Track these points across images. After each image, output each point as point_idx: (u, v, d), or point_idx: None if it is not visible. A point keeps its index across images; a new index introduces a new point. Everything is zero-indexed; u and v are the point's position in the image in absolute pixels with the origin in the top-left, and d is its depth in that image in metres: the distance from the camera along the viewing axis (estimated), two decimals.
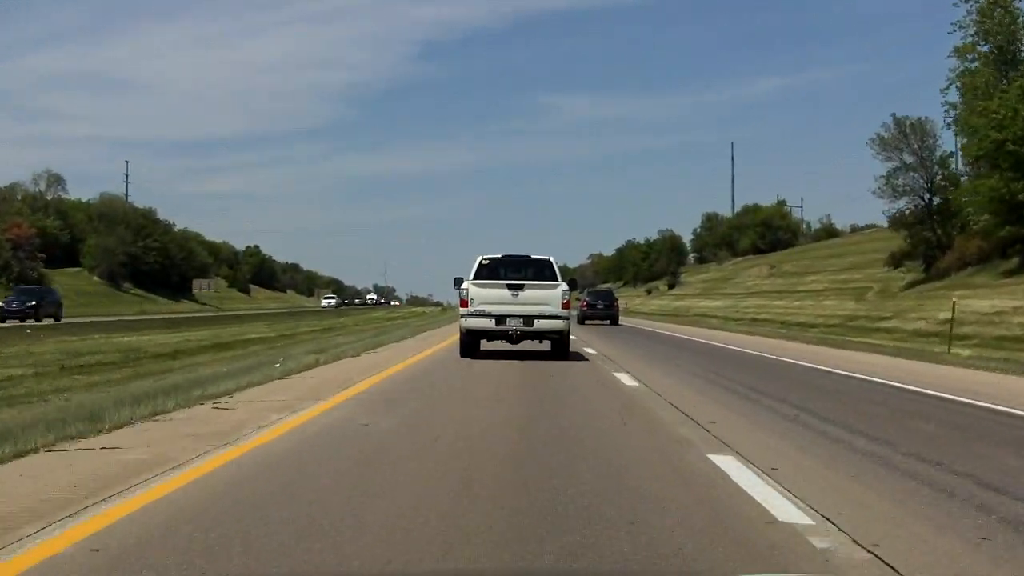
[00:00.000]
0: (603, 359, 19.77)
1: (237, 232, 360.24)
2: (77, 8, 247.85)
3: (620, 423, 9.41)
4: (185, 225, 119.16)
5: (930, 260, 42.72)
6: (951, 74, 39.92)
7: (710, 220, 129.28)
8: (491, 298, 18.00)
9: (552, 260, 19.32)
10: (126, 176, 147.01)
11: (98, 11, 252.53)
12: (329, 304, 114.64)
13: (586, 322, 43.85)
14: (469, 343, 18.72)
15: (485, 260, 19.01)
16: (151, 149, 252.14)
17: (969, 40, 38.98)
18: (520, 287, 18.11)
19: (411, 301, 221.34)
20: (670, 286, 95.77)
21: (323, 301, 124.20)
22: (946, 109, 40.93)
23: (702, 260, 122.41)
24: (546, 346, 19.26)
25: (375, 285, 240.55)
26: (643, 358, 20.58)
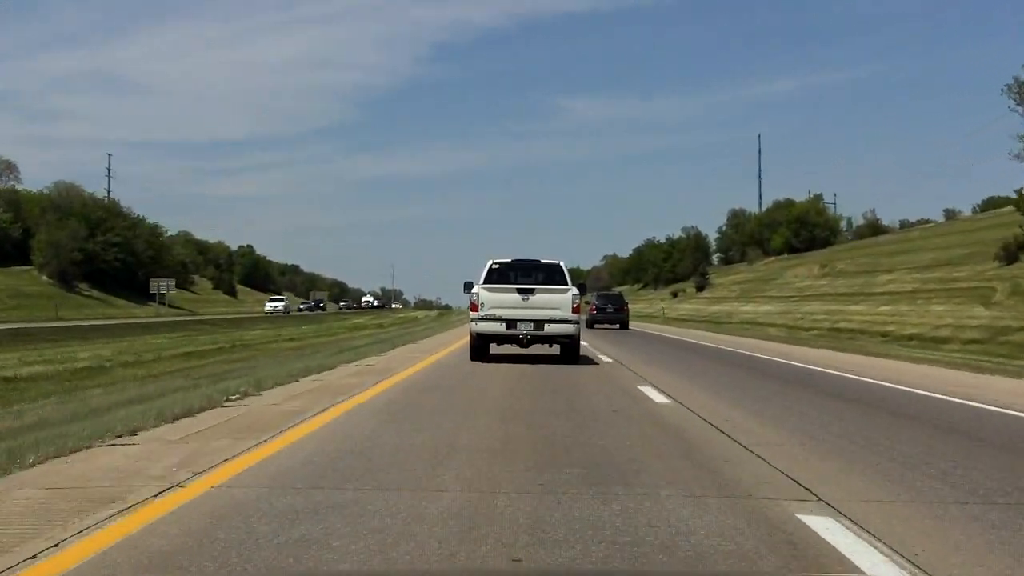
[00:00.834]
0: (659, 393, 13.50)
1: (243, 233, 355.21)
2: (85, 10, 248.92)
3: None
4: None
5: None
6: None
7: (736, 217, 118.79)
8: (502, 302, 18.00)
9: (562, 264, 19.45)
10: (108, 170, 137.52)
11: (106, 13, 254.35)
12: (275, 309, 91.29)
13: (595, 326, 41.15)
14: (479, 347, 18.50)
15: (495, 264, 19.04)
16: (159, 150, 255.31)
17: None
18: (531, 291, 18.12)
19: (419, 304, 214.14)
20: (699, 288, 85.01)
21: (267, 305, 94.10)
22: None
23: (728, 260, 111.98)
24: (555, 350, 19.17)
25: (382, 288, 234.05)
26: (708, 388, 14.34)
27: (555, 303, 17.88)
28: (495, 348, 18.96)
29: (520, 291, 18.04)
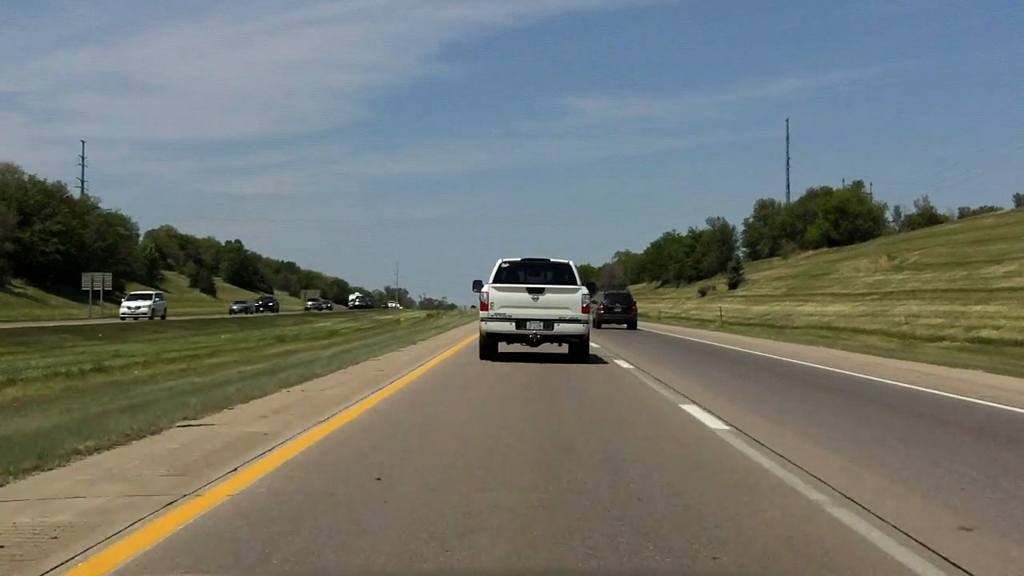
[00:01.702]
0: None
1: (246, 233, 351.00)
2: (97, 10, 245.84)
3: None
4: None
5: None
6: None
7: (765, 208, 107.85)
8: (511, 301, 17.79)
9: (572, 264, 19.15)
10: (82, 158, 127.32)
11: (118, 13, 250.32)
12: (133, 311, 56.40)
13: (602, 326, 39.59)
14: (488, 345, 18.17)
15: (505, 263, 18.78)
16: (168, 150, 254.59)
17: None
18: (540, 291, 17.85)
19: (423, 304, 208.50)
20: (732, 285, 74.00)
21: (122, 306, 57.78)
22: None
23: (755, 255, 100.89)
24: (564, 349, 18.81)
25: (387, 287, 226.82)
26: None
27: (565, 302, 17.71)
28: (503, 347, 18.75)
29: (530, 290, 17.90)
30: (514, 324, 17.62)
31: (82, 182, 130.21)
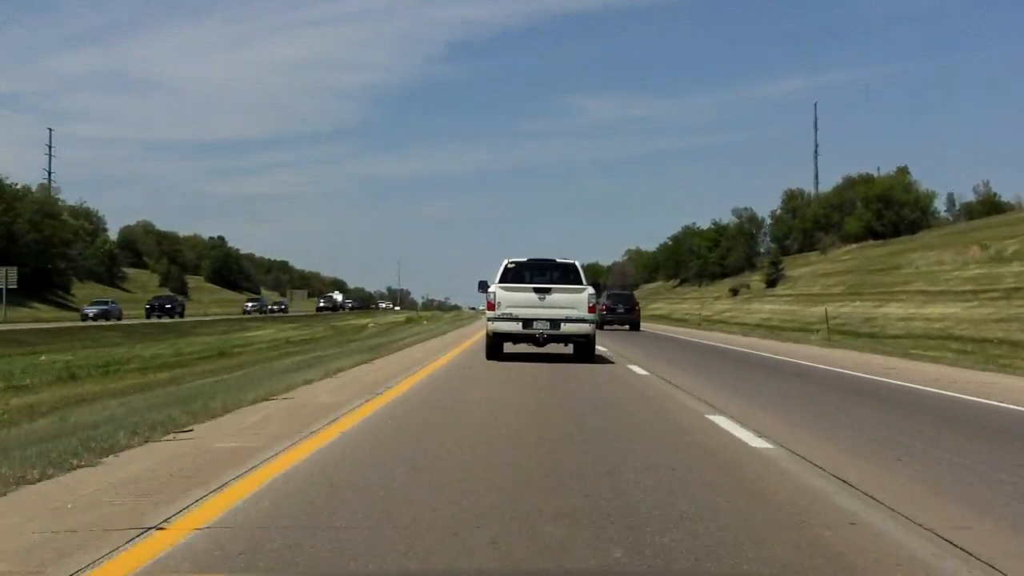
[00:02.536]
0: None
1: (247, 233, 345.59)
2: (99, 9, 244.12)
3: None
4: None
5: None
6: None
7: (794, 199, 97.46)
8: (518, 301, 17.87)
9: (577, 264, 19.22)
10: (48, 147, 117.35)
11: (121, 12, 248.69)
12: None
13: (605, 327, 36.79)
14: (494, 345, 18.25)
15: (511, 263, 18.84)
16: (172, 150, 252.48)
17: None
18: (547, 291, 17.94)
19: (426, 305, 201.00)
20: (770, 282, 63.66)
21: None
22: None
23: (784, 250, 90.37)
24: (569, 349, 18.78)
25: (388, 288, 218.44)
26: None
27: (571, 302, 17.77)
28: (509, 345, 18.58)
29: (537, 290, 17.91)
30: (521, 324, 17.74)
31: (48, 173, 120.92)
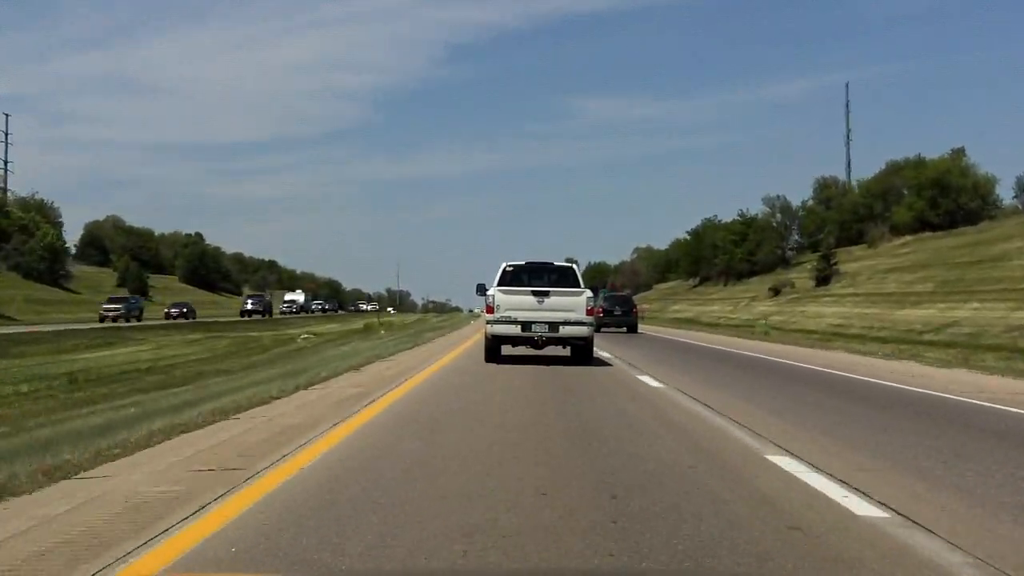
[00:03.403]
0: None
1: (248, 234, 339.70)
2: (103, 12, 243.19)
3: None
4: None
5: None
6: None
7: (826, 188, 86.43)
8: (517, 304, 18.01)
9: (575, 267, 19.55)
10: (4, 134, 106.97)
11: (125, 15, 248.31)
12: None
13: (602, 330, 35.76)
14: (493, 348, 18.40)
15: (509, 267, 19.01)
16: (175, 153, 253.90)
17: None
18: (546, 294, 18.10)
19: (425, 306, 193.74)
20: (820, 280, 52.72)
21: None
22: None
23: (814, 245, 79.17)
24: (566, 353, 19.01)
25: (388, 289, 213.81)
26: None
27: (570, 305, 17.87)
28: (508, 350, 18.86)
29: (535, 293, 18.05)
30: (520, 327, 17.86)
31: (5, 163, 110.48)
